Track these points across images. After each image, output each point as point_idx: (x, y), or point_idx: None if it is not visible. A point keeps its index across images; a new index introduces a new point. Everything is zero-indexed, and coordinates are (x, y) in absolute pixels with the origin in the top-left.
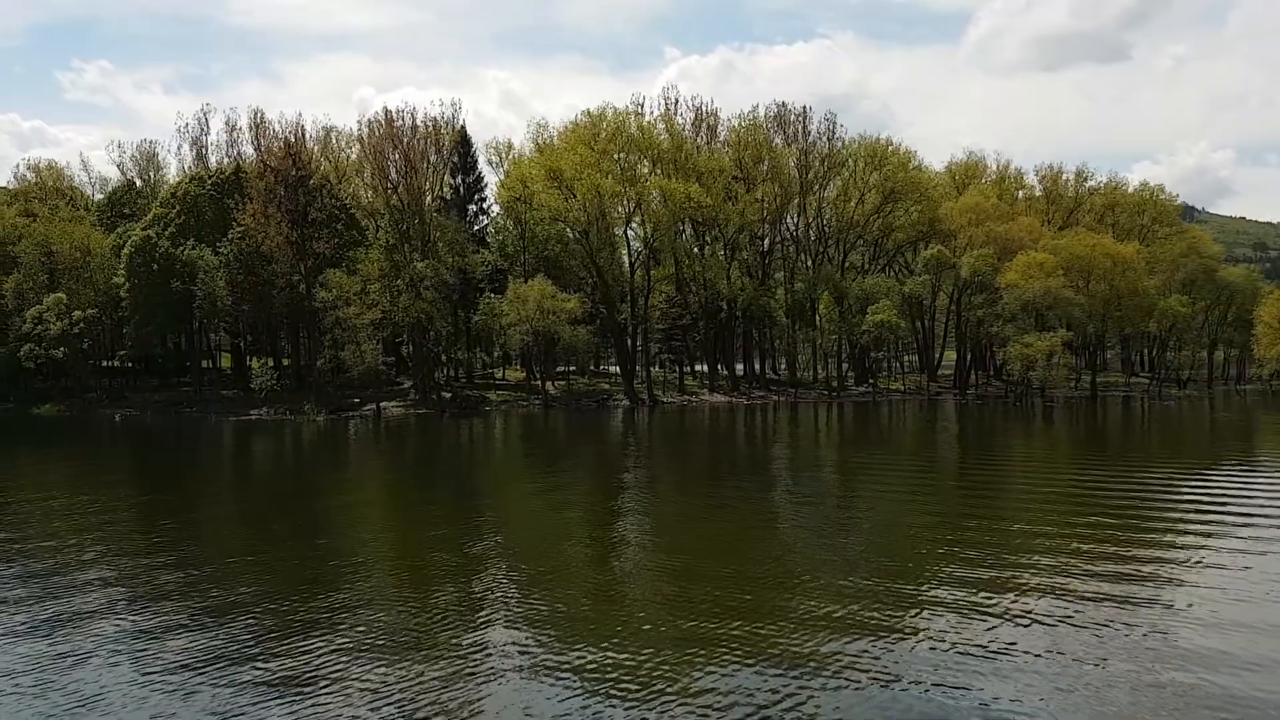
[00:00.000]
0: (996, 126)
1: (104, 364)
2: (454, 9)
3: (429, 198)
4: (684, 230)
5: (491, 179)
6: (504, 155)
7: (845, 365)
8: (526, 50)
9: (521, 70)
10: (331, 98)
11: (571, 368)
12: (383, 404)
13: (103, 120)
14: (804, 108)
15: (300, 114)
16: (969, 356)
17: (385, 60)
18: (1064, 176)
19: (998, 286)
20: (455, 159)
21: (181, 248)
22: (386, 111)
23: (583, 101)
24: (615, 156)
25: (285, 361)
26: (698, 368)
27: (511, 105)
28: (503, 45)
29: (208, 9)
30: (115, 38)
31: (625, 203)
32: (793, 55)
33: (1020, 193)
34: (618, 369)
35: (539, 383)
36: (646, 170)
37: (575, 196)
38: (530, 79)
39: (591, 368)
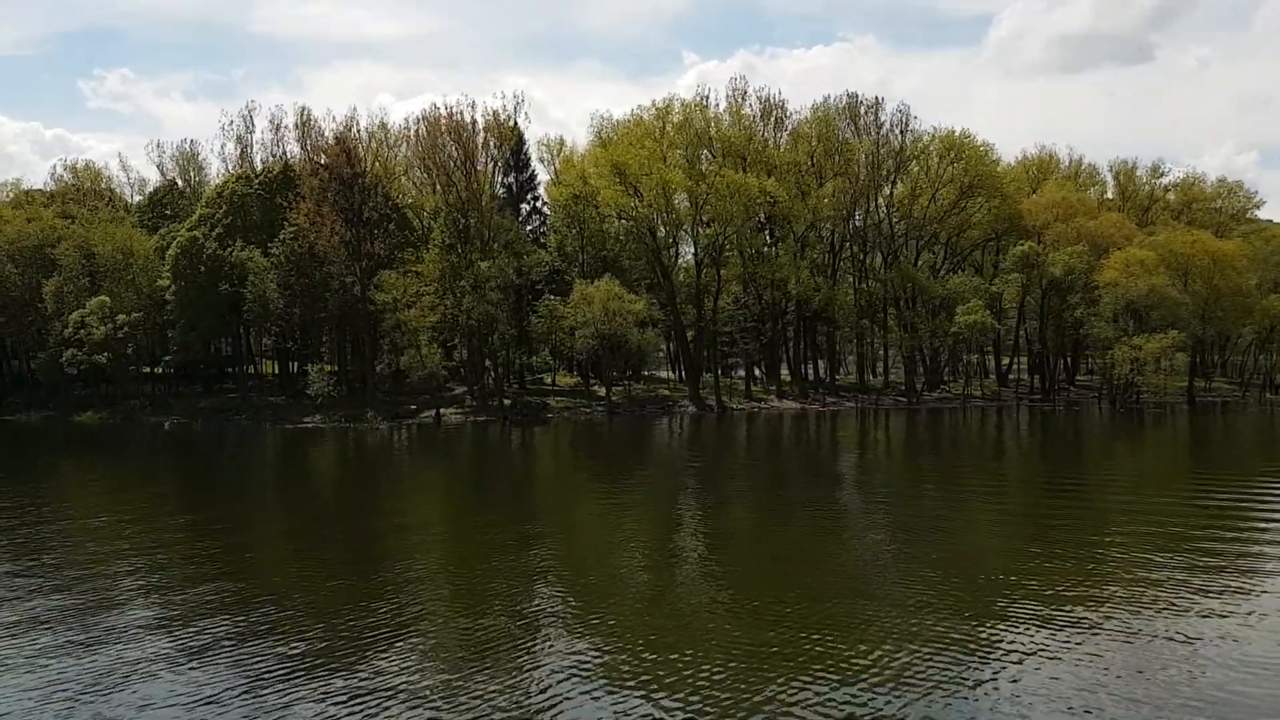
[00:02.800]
0: (1018, 128)
1: (144, 370)
2: (474, 17)
3: (487, 195)
4: (749, 228)
5: (541, 177)
6: (555, 153)
7: (919, 370)
8: (546, 57)
9: (542, 77)
10: (351, 105)
11: (614, 372)
12: (441, 411)
13: (124, 128)
14: (876, 98)
15: (354, 108)
16: (1052, 360)
17: (405, 68)
18: (1137, 172)
19: (1094, 285)
20: (508, 156)
21: (230, 249)
22: (447, 106)
23: (603, 107)
24: (682, 150)
25: (328, 366)
26: (754, 372)
27: (532, 112)
28: (522, 52)
29: (229, 18)
30: (137, 46)
31: (693, 199)
32: (813, 58)
33: (1092, 189)
34: (670, 373)
35: (595, 388)
36: (715, 164)
37: (640, 193)
38: (550, 85)
39: (645, 372)
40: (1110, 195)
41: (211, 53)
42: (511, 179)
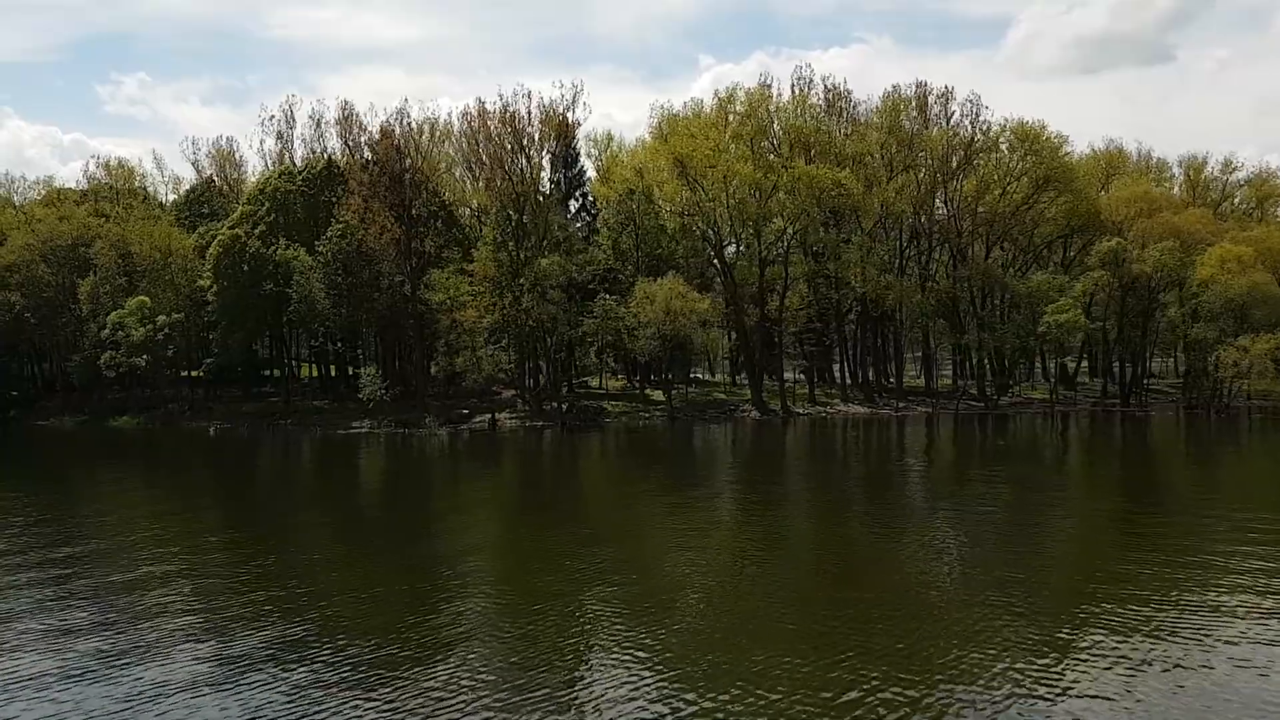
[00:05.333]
0: None
1: (180, 373)
2: (488, 22)
3: (543, 190)
4: (819, 223)
5: (588, 173)
6: (603, 149)
7: (987, 373)
8: (560, 61)
9: (557, 81)
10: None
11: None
12: (496, 415)
13: (141, 133)
14: (947, 87)
15: (405, 99)
16: (1132, 363)
17: (420, 72)
18: (1208, 167)
19: (1180, 282)
20: (562, 150)
21: (273, 247)
22: (501, 95)
23: (618, 111)
24: (746, 141)
25: (368, 369)
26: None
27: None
28: (536, 57)
29: (244, 23)
30: (153, 51)
31: (759, 192)
32: (829, 61)
33: (1163, 185)
34: (712, 375)
35: (648, 392)
36: (781, 156)
37: (703, 187)
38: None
39: (691, 374)
40: (1176, 191)
41: (226, 58)
42: (560, 175)
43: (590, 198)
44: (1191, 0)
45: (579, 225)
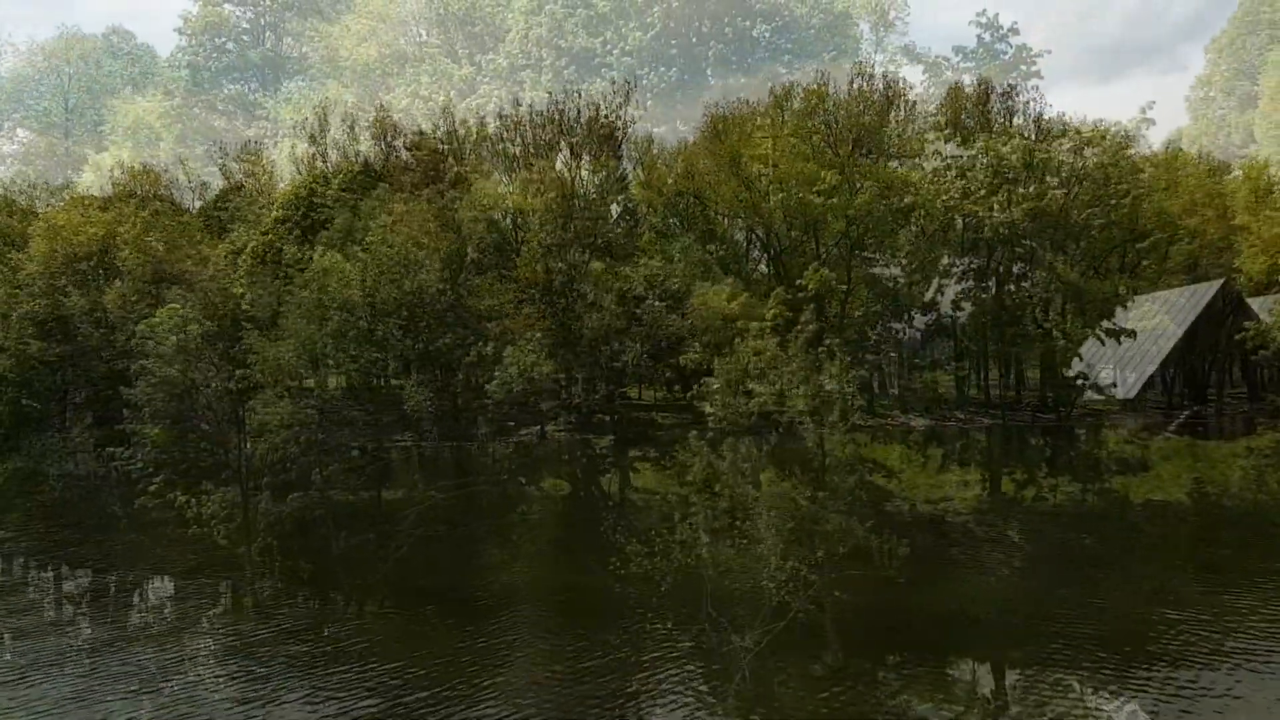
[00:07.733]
0: None
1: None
2: (498, 33)
3: (590, 194)
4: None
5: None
6: (643, 151)
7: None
8: (569, 71)
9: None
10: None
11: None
12: (544, 427)
13: (155, 144)
14: (1010, 85)
15: (450, 96)
16: (1205, 371)
17: (430, 84)
18: (1270, 169)
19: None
20: (609, 151)
21: (308, 253)
22: (550, 92)
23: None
24: (807, 138)
25: (411, 380)
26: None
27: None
28: (545, 69)
29: (259, 36)
30: (168, 64)
31: (818, 192)
32: (841, 73)
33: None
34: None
35: (692, 402)
36: (837, 155)
37: (758, 188)
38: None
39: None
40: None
41: (241, 70)
42: (604, 176)
43: (632, 201)
44: (1207, 9)
45: (619, 229)
